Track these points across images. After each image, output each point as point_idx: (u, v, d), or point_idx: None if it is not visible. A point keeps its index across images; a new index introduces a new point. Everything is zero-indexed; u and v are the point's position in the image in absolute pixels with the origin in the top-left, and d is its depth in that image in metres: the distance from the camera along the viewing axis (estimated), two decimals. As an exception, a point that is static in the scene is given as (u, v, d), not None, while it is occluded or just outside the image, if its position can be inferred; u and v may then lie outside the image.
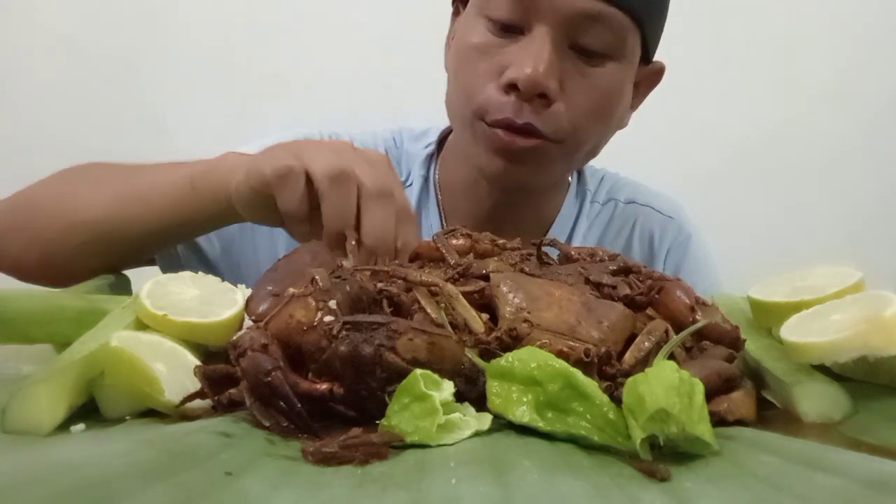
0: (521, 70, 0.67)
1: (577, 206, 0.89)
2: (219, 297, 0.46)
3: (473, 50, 0.72)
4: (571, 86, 0.70)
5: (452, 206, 0.84)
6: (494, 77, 0.70)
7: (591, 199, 0.90)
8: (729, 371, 0.40)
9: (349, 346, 0.35)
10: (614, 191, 0.92)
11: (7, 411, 0.35)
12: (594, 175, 0.93)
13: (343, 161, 0.51)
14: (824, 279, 0.47)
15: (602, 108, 0.73)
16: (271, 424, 0.35)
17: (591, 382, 0.34)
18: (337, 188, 0.50)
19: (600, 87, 0.72)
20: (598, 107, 0.73)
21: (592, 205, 0.90)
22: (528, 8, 0.69)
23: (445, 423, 0.33)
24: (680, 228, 0.90)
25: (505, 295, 0.41)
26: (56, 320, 0.47)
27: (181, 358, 0.40)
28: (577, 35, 0.69)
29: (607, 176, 0.94)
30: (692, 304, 0.45)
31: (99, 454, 0.29)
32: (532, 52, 0.68)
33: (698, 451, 0.32)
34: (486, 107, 0.71)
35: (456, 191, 0.84)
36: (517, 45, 0.70)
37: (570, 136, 0.72)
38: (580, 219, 0.88)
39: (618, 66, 0.73)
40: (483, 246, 0.50)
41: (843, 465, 0.30)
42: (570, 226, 0.87)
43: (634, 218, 0.89)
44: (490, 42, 0.71)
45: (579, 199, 0.90)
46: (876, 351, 0.39)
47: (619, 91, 0.75)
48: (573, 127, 0.72)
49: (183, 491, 0.26)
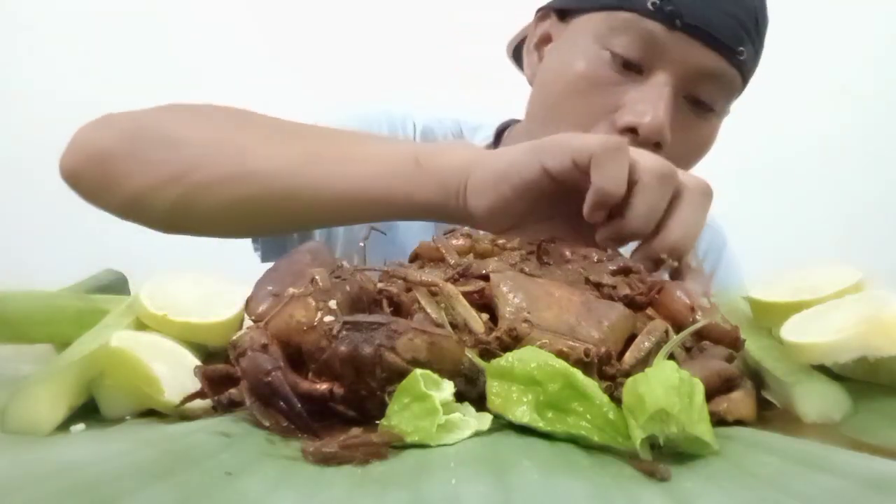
0: (643, 116, 0.68)
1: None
2: (219, 297, 0.46)
3: (586, 80, 0.72)
4: (678, 136, 0.71)
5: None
6: (608, 114, 0.71)
7: None
8: (729, 371, 0.40)
9: (349, 346, 0.35)
10: None
11: (7, 411, 0.35)
12: None
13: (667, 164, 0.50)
14: (824, 279, 0.47)
15: (696, 157, 0.77)
16: (271, 424, 0.35)
17: (591, 382, 0.34)
18: (660, 187, 0.48)
19: (700, 139, 0.75)
20: (693, 156, 0.76)
21: None
22: (658, 53, 0.69)
23: (445, 423, 0.33)
24: (716, 232, 0.93)
25: (505, 295, 0.41)
26: (56, 320, 0.47)
27: (181, 358, 0.40)
28: (694, 88, 0.71)
29: None
30: (692, 305, 0.45)
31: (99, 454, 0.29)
32: (653, 100, 0.69)
33: (698, 451, 0.32)
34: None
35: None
36: (637, 88, 0.70)
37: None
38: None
39: (718, 121, 0.76)
40: (483, 246, 0.50)
41: (843, 465, 0.30)
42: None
43: None
44: (607, 77, 0.71)
45: None
46: (876, 351, 0.39)
47: (712, 141, 0.78)
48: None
49: (183, 491, 0.26)
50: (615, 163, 0.48)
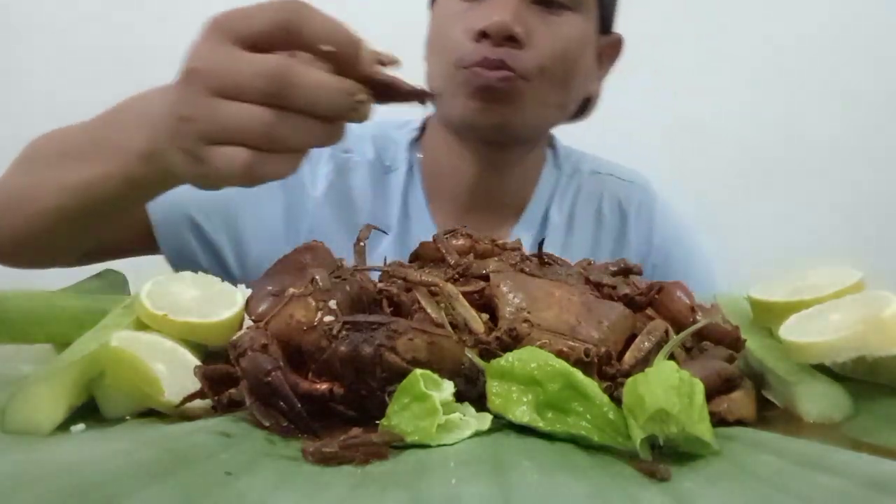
0: (490, 18, 0.76)
1: (554, 180, 0.93)
2: (219, 297, 0.46)
3: (447, 18, 0.81)
4: (537, 33, 0.78)
5: (436, 186, 0.89)
6: (468, 33, 0.78)
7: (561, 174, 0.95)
8: (729, 371, 0.40)
9: (349, 346, 0.35)
10: (577, 163, 0.96)
11: (7, 411, 0.35)
12: (564, 150, 0.97)
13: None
14: (824, 279, 0.47)
15: (565, 53, 0.81)
16: (271, 424, 0.35)
17: (591, 382, 0.34)
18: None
19: (562, 34, 0.80)
20: (562, 52, 0.80)
21: (561, 178, 0.94)
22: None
23: (445, 423, 0.33)
24: (644, 189, 0.95)
25: (505, 295, 0.41)
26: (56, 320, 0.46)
27: (181, 358, 0.40)
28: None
29: (572, 150, 0.98)
30: (692, 305, 0.45)
31: (99, 454, 0.29)
32: (498, 5, 0.76)
33: (698, 451, 0.32)
34: (462, 56, 0.78)
35: (439, 171, 0.88)
36: (485, 5, 0.78)
37: (539, 77, 0.79)
38: (556, 193, 0.92)
39: (577, 18, 0.81)
40: (483, 246, 0.50)
41: (843, 466, 0.30)
42: (546, 199, 0.91)
43: (600, 187, 0.94)
44: (461, 8, 0.80)
45: (556, 171, 0.94)
46: (874, 351, 0.39)
47: (580, 41, 0.82)
48: (541, 68, 0.79)
49: (183, 491, 0.26)
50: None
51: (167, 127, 0.48)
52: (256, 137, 0.45)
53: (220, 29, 0.46)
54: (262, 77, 0.43)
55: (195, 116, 0.45)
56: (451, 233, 0.51)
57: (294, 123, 0.45)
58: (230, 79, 0.44)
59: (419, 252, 0.51)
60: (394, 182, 0.88)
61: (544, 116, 0.85)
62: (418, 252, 0.51)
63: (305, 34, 0.44)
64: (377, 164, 0.89)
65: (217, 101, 0.45)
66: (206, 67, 0.45)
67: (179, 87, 0.46)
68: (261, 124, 0.44)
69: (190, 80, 0.46)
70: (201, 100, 0.45)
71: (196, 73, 0.45)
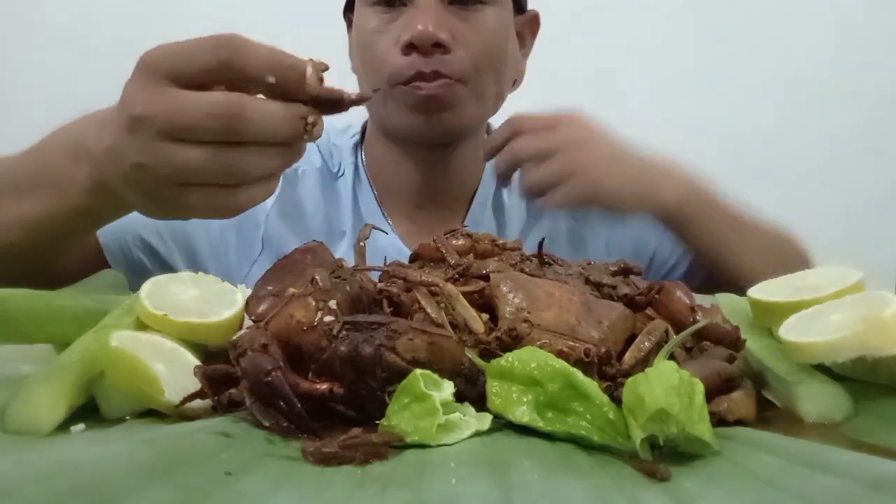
0: (414, 29, 0.76)
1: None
2: (219, 297, 0.46)
3: (369, 34, 0.81)
4: (461, 34, 0.79)
5: (385, 186, 0.90)
6: (394, 46, 0.78)
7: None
8: (729, 371, 0.40)
9: (349, 346, 0.35)
10: None
11: (7, 411, 0.35)
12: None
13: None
14: (824, 279, 0.47)
15: (492, 46, 0.82)
16: (271, 424, 0.35)
17: (591, 382, 0.34)
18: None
19: (485, 29, 0.81)
20: (488, 45, 0.82)
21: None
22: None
23: (445, 423, 0.33)
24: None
25: (505, 295, 0.41)
26: (56, 320, 0.46)
27: (181, 358, 0.40)
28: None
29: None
30: (692, 305, 0.45)
31: (99, 454, 0.29)
32: (419, 14, 0.77)
33: (698, 451, 0.32)
34: (396, 72, 0.78)
35: (385, 171, 0.90)
36: (406, 14, 0.79)
37: (474, 76, 0.80)
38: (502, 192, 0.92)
39: (494, 10, 0.83)
40: (483, 246, 0.50)
41: (843, 465, 0.30)
42: (492, 189, 0.91)
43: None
44: (381, 21, 0.80)
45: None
46: (874, 351, 0.39)
47: (502, 30, 0.84)
48: (474, 66, 0.80)
49: (183, 491, 0.26)
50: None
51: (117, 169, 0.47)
52: (219, 175, 0.44)
53: (156, 69, 0.44)
54: (214, 117, 0.43)
55: (151, 164, 0.44)
56: (451, 233, 0.51)
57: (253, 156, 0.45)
58: (181, 122, 0.43)
59: (419, 252, 0.51)
60: (342, 187, 0.89)
61: (484, 110, 0.87)
62: (418, 252, 0.51)
63: (248, 69, 0.43)
64: (325, 171, 0.90)
65: (169, 145, 0.44)
66: (152, 113, 0.44)
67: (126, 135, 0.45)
68: (221, 163, 0.44)
69: (136, 127, 0.44)
70: (153, 146, 0.44)
71: (141, 119, 0.44)
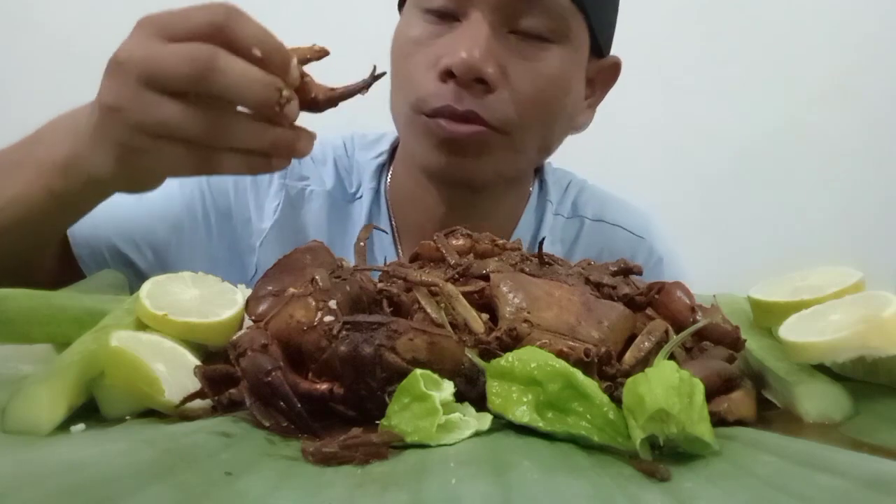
0: (457, 55, 0.65)
1: (538, 218, 0.84)
2: (219, 297, 0.46)
3: (410, 43, 0.70)
4: (514, 72, 0.67)
5: (403, 219, 0.80)
6: (431, 67, 0.67)
7: (555, 212, 0.84)
8: (729, 371, 0.40)
9: (349, 346, 0.35)
10: (581, 205, 0.86)
11: (7, 411, 0.35)
12: (558, 183, 0.87)
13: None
14: (824, 279, 0.47)
15: (548, 95, 0.70)
16: (271, 424, 0.35)
17: (591, 382, 0.34)
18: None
19: (544, 73, 0.69)
20: (543, 94, 0.69)
21: (556, 218, 0.84)
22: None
23: (445, 423, 0.33)
24: (651, 251, 0.86)
25: (505, 295, 0.41)
26: (56, 320, 0.46)
27: (181, 358, 0.40)
28: (516, 19, 0.67)
29: (573, 184, 0.88)
30: (692, 305, 0.45)
31: (99, 454, 0.29)
32: (467, 37, 0.65)
33: (698, 451, 0.32)
34: (424, 98, 0.67)
35: (407, 203, 0.80)
36: (453, 33, 0.67)
37: (517, 127, 0.69)
38: (540, 232, 0.82)
39: (562, 51, 0.69)
40: (483, 246, 0.50)
41: (843, 465, 0.30)
42: (528, 240, 0.82)
43: (603, 238, 0.85)
44: (427, 33, 0.69)
45: (540, 210, 0.84)
46: (874, 351, 0.39)
47: (566, 78, 0.71)
48: (519, 116, 0.68)
49: (183, 491, 0.26)
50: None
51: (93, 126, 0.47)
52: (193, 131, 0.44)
53: (150, 25, 0.45)
54: (186, 61, 0.43)
55: (124, 106, 0.44)
56: (451, 233, 0.51)
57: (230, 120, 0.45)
58: (155, 64, 0.43)
59: (419, 252, 0.51)
60: (356, 211, 0.80)
61: (522, 163, 0.76)
62: (418, 252, 0.51)
63: (237, 36, 0.44)
64: (337, 193, 0.80)
65: (146, 91, 0.44)
66: (131, 57, 0.44)
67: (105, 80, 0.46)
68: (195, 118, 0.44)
69: (115, 70, 0.45)
70: (129, 89, 0.44)
71: (120, 63, 0.44)
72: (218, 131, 0.45)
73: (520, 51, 0.68)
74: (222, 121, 0.45)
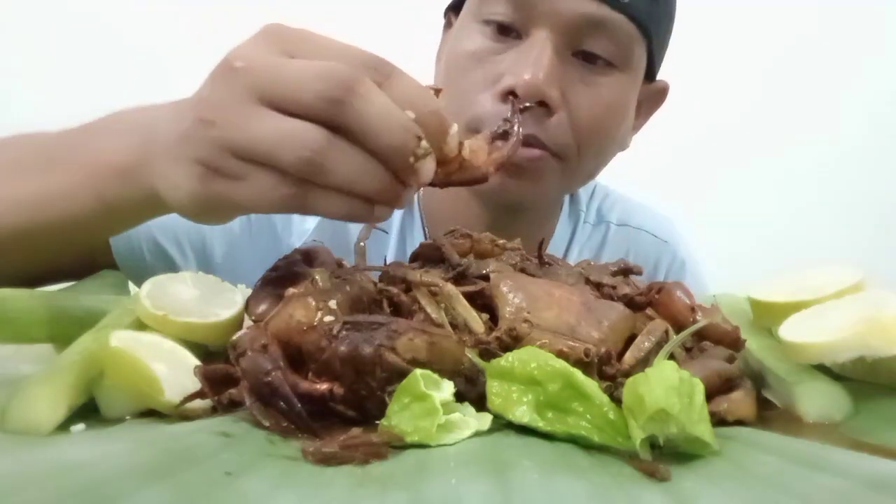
0: (520, 76, 0.63)
1: (571, 229, 0.84)
2: (219, 297, 0.46)
3: (468, 57, 0.67)
4: (574, 95, 0.66)
5: (437, 226, 0.79)
6: (490, 85, 0.65)
7: (584, 220, 0.85)
8: (729, 371, 0.40)
9: (349, 346, 0.35)
10: (605, 210, 0.87)
11: (7, 411, 0.35)
12: (585, 190, 0.87)
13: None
14: (824, 279, 0.47)
15: (607, 123, 0.69)
16: (271, 424, 0.35)
17: (591, 382, 0.34)
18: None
19: (605, 99, 0.67)
20: (602, 121, 0.68)
21: (584, 226, 0.85)
22: (528, 10, 0.65)
23: (445, 423, 0.33)
24: (674, 255, 0.87)
25: (505, 295, 0.41)
26: (56, 320, 0.46)
27: (181, 358, 0.40)
28: (581, 41, 0.66)
29: (598, 190, 0.89)
30: (692, 305, 0.45)
31: (99, 454, 0.29)
32: (531, 57, 0.63)
33: (698, 451, 0.32)
34: (481, 117, 0.65)
35: (443, 215, 0.78)
36: (515, 51, 0.65)
37: (573, 153, 0.68)
38: (573, 242, 0.83)
39: (624, 78, 0.68)
40: (483, 246, 0.50)
41: (843, 465, 0.30)
42: (562, 251, 0.82)
43: (628, 243, 0.85)
44: (486, 48, 0.67)
45: (572, 220, 0.85)
46: (874, 351, 0.39)
47: (625, 105, 0.70)
48: (576, 141, 0.67)
49: (183, 491, 0.26)
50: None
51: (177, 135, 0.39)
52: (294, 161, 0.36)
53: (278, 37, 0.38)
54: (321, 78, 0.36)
55: (223, 121, 0.37)
56: (451, 233, 0.51)
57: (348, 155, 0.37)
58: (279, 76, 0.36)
59: (419, 252, 0.51)
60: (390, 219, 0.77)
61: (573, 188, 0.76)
62: (418, 252, 0.51)
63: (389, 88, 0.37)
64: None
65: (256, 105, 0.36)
66: (253, 67, 0.37)
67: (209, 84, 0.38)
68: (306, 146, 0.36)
69: (226, 75, 0.37)
70: (238, 104, 0.37)
71: (237, 71, 0.37)
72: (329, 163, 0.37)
73: (581, 75, 0.66)
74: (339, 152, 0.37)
